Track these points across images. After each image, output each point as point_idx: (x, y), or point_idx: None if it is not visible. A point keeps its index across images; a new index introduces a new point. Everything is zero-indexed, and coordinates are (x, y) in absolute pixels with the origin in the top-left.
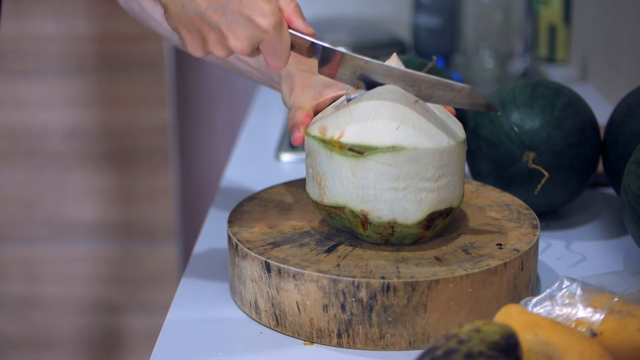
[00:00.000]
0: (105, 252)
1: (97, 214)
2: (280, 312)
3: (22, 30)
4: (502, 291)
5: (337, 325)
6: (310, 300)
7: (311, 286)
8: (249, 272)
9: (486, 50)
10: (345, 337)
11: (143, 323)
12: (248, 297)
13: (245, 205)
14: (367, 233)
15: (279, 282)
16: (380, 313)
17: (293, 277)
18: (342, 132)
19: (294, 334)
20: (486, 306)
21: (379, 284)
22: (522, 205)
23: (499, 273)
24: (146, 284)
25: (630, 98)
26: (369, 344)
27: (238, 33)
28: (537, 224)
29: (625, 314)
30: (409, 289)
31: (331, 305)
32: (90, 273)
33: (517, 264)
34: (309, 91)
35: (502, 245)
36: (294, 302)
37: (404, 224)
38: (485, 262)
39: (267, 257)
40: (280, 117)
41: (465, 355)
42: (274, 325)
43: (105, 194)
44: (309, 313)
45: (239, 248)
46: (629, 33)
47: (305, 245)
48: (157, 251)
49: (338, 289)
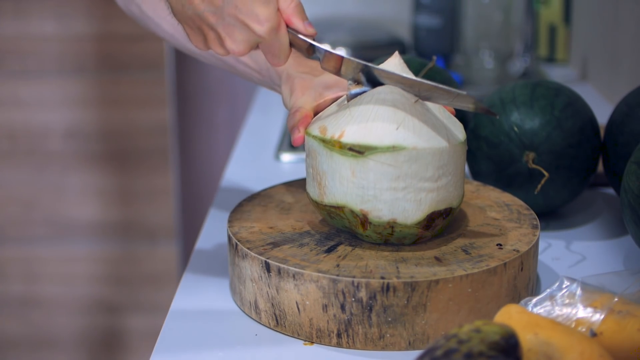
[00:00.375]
0: (105, 252)
1: (97, 214)
2: (280, 312)
3: (22, 30)
4: (501, 291)
5: (337, 325)
6: (310, 300)
7: (311, 286)
8: (248, 272)
9: (486, 50)
10: (345, 337)
11: (143, 323)
12: (248, 297)
13: (246, 205)
14: (367, 233)
15: (278, 282)
16: (380, 313)
17: (293, 277)
18: (342, 132)
19: (293, 334)
20: (486, 306)
21: (378, 284)
22: (522, 206)
23: (499, 273)
24: (146, 284)
25: (630, 98)
26: (368, 344)
27: (235, 36)
28: (537, 224)
29: (625, 314)
30: (409, 289)
31: (331, 305)
32: (90, 273)
33: (516, 264)
34: (309, 93)
35: (502, 246)
36: (293, 302)
37: (403, 224)
38: (485, 262)
39: (267, 257)
40: (280, 117)
41: (465, 355)
42: (274, 325)
43: (105, 194)
44: (309, 313)
45: (238, 248)
46: (629, 33)
47: (305, 245)
48: (157, 251)
49: (338, 289)
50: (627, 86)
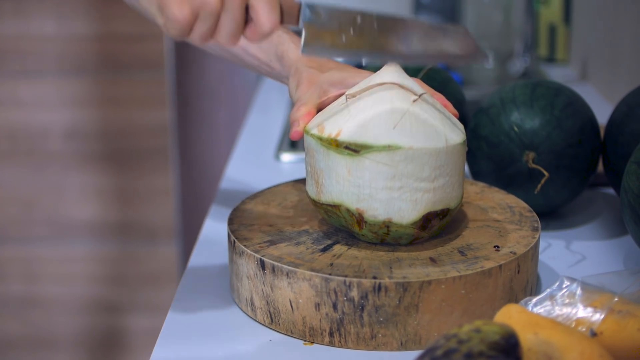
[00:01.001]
0: (105, 252)
1: (97, 214)
2: (274, 309)
3: (22, 30)
4: (497, 293)
5: (329, 324)
6: (303, 298)
7: (304, 284)
8: (245, 269)
9: (486, 50)
10: (337, 336)
11: (143, 323)
12: (244, 294)
13: (247, 203)
14: (363, 232)
15: (273, 279)
16: (372, 313)
17: (286, 275)
18: (339, 130)
19: (287, 332)
20: (480, 308)
21: (370, 283)
22: (525, 208)
23: (494, 275)
24: (146, 284)
25: (630, 98)
26: (360, 344)
27: None
28: (538, 227)
29: (625, 314)
30: (401, 290)
31: (323, 304)
32: (90, 273)
33: (513, 266)
34: (314, 88)
35: (499, 248)
36: (287, 300)
37: (399, 224)
38: (479, 264)
39: (262, 255)
40: (280, 117)
41: (465, 355)
42: (269, 322)
43: (105, 194)
44: (302, 311)
45: (236, 245)
46: (629, 33)
47: (301, 243)
48: (157, 251)
49: (330, 288)
50: (627, 86)
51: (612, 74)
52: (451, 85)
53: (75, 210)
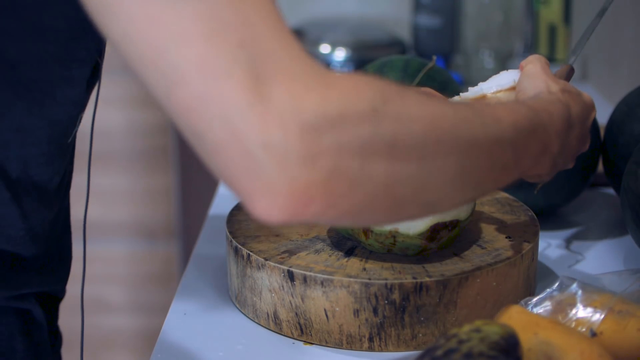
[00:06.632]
0: (105, 252)
1: (97, 214)
2: (305, 320)
3: None
4: (519, 283)
5: (369, 330)
6: (340, 306)
7: (341, 292)
8: (266, 283)
9: (486, 50)
10: (377, 341)
11: (143, 323)
12: (265, 309)
13: (243, 209)
14: (369, 241)
15: (304, 290)
16: (413, 313)
17: (321, 284)
18: None
19: (321, 342)
20: (507, 298)
21: (411, 284)
22: (509, 198)
23: (517, 265)
24: (146, 284)
25: (630, 98)
26: (401, 346)
27: None
28: (533, 214)
29: (625, 314)
30: (441, 287)
31: (362, 309)
32: (90, 273)
33: (530, 255)
34: None
35: (512, 238)
36: (321, 309)
37: (405, 234)
38: (504, 254)
39: (288, 266)
40: None
41: (465, 355)
42: (298, 335)
43: (105, 194)
44: (339, 319)
45: (252, 258)
46: (629, 33)
47: (321, 251)
48: (157, 251)
49: (370, 293)
50: (627, 86)
51: (612, 74)
52: (451, 86)
53: (74, 210)
